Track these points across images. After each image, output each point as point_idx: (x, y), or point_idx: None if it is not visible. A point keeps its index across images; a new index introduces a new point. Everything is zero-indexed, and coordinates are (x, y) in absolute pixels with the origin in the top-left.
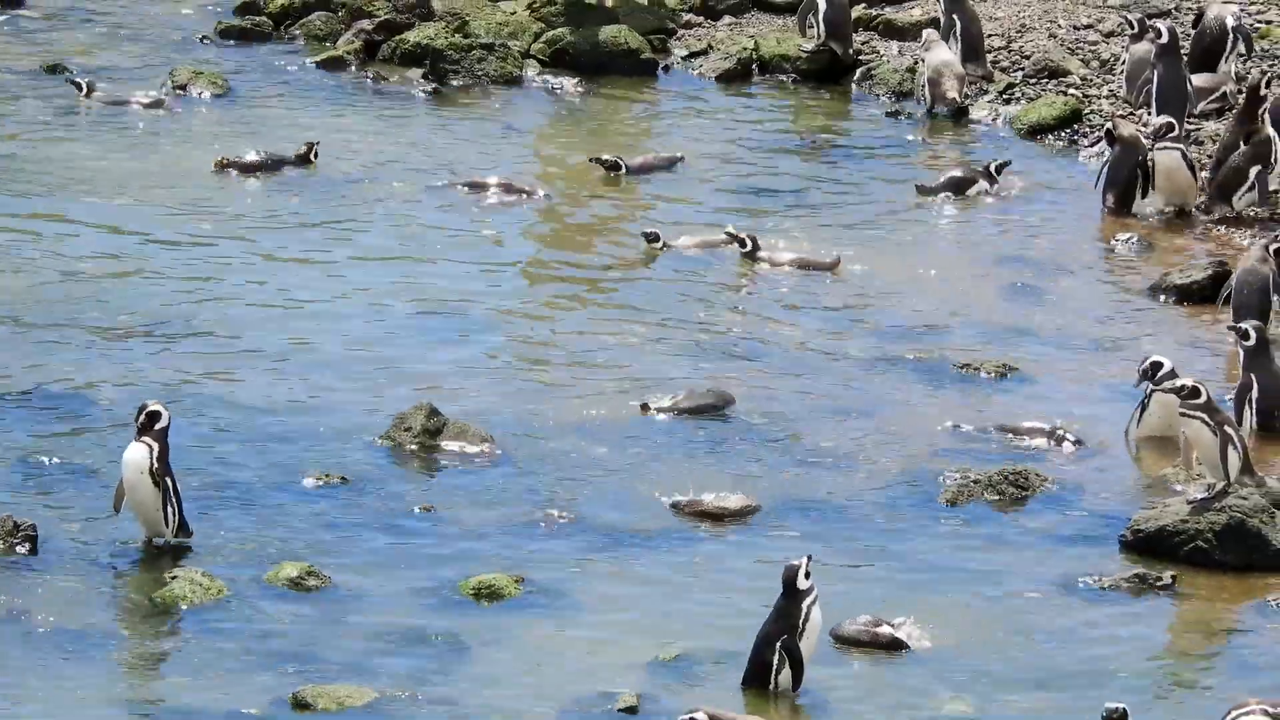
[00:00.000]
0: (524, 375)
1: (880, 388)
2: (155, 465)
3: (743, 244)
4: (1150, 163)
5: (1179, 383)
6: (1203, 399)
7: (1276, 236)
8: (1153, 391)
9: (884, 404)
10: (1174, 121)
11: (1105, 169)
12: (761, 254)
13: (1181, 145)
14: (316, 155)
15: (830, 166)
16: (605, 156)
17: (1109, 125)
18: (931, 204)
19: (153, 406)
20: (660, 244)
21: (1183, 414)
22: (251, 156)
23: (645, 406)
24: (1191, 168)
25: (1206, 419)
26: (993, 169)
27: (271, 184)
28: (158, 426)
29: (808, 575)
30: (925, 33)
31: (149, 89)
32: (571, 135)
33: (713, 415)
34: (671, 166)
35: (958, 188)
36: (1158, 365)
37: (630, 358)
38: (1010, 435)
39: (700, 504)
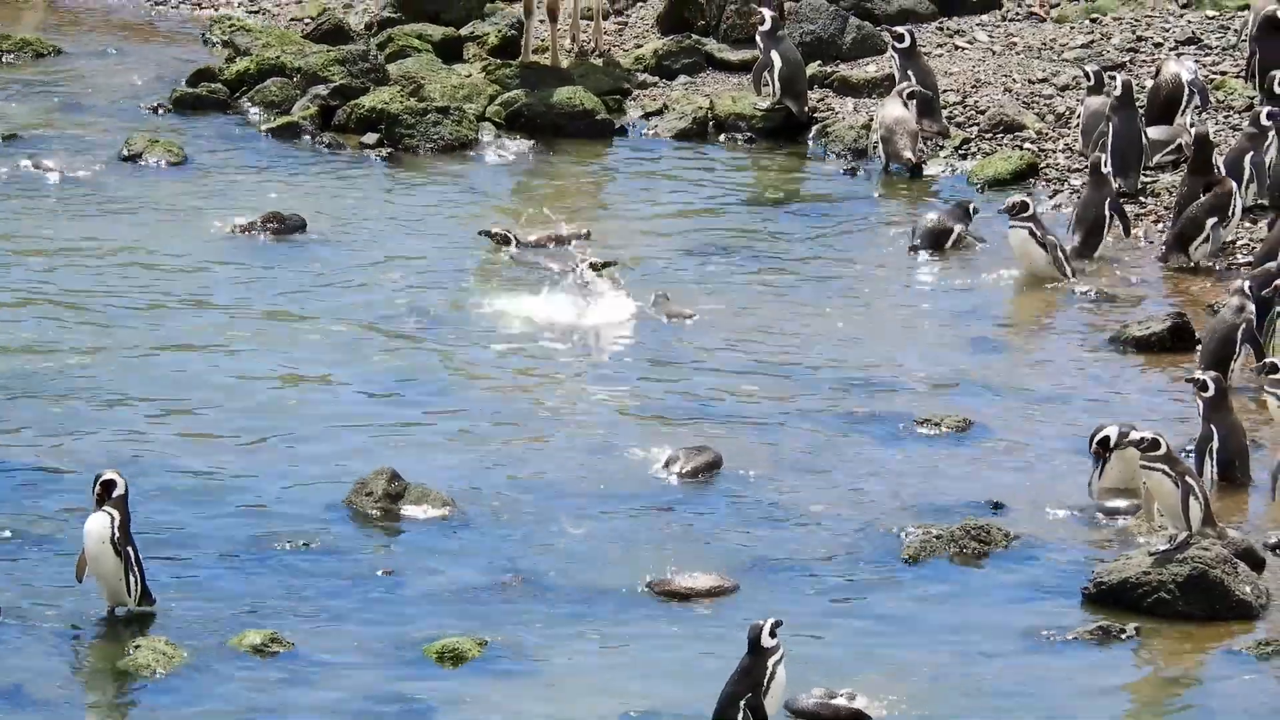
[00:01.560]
0: (487, 440)
1: (841, 443)
2: (116, 534)
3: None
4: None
5: (1138, 435)
6: (1162, 450)
7: (1247, 281)
8: (1111, 452)
9: (845, 459)
10: (1027, 200)
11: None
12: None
13: (1031, 224)
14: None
15: (788, 223)
16: (495, 230)
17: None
18: (890, 259)
19: (108, 475)
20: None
21: (1143, 466)
22: (258, 219)
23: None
24: (1044, 244)
25: (1167, 470)
26: (970, 209)
27: (228, 251)
28: (115, 495)
29: (773, 634)
30: (900, 86)
31: (88, 158)
32: (528, 197)
33: (700, 478)
34: (575, 242)
35: (936, 241)
36: (1105, 440)
37: (594, 421)
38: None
39: (669, 583)
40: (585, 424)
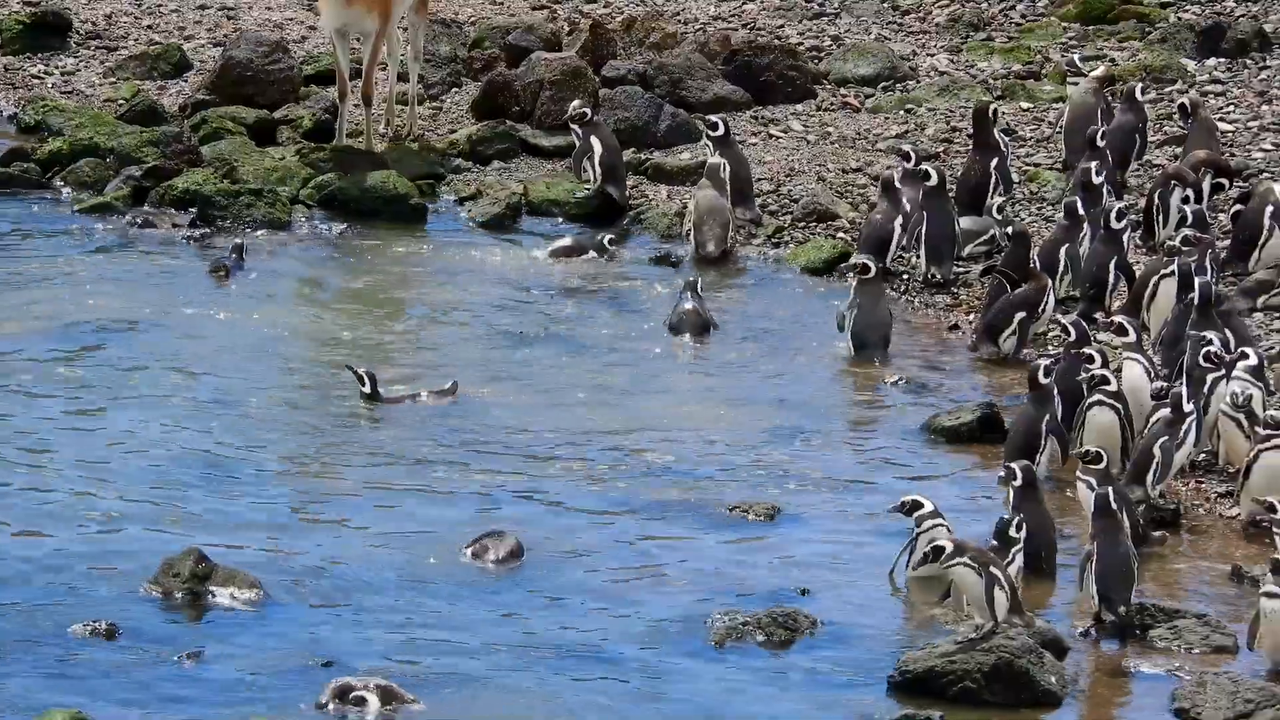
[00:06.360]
0: (294, 523)
1: (648, 530)
2: None
3: (362, 381)
4: None
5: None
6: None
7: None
8: (919, 534)
9: (651, 546)
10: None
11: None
12: (381, 391)
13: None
14: None
15: (597, 309)
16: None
17: None
18: (699, 347)
19: None
20: None
21: None
22: None
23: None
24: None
25: (968, 561)
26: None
27: (30, 334)
28: None
29: None
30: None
31: None
32: (337, 281)
33: (503, 564)
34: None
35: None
36: (917, 504)
37: (400, 505)
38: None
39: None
40: (391, 508)
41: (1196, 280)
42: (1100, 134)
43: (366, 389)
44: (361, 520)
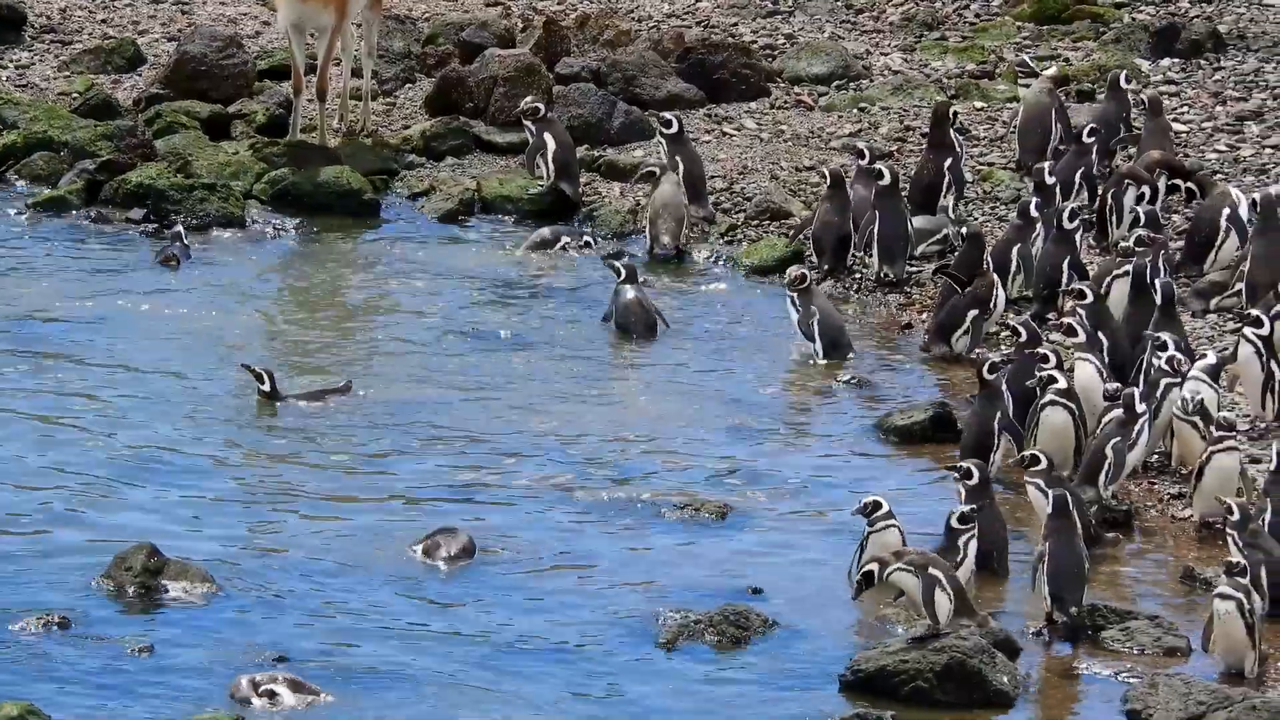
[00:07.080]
0: (246, 517)
1: (597, 528)
2: None
3: (260, 379)
4: None
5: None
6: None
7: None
8: (870, 533)
9: (601, 545)
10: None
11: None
12: (282, 390)
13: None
14: None
15: (549, 305)
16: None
17: None
18: (648, 344)
19: None
20: None
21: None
22: None
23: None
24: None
25: (903, 566)
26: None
27: None
28: None
29: None
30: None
31: None
32: (289, 276)
33: (453, 561)
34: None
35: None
36: (878, 505)
37: (354, 501)
38: None
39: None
40: (344, 504)
41: (1157, 281)
42: (1090, 130)
43: (266, 387)
44: (314, 516)
